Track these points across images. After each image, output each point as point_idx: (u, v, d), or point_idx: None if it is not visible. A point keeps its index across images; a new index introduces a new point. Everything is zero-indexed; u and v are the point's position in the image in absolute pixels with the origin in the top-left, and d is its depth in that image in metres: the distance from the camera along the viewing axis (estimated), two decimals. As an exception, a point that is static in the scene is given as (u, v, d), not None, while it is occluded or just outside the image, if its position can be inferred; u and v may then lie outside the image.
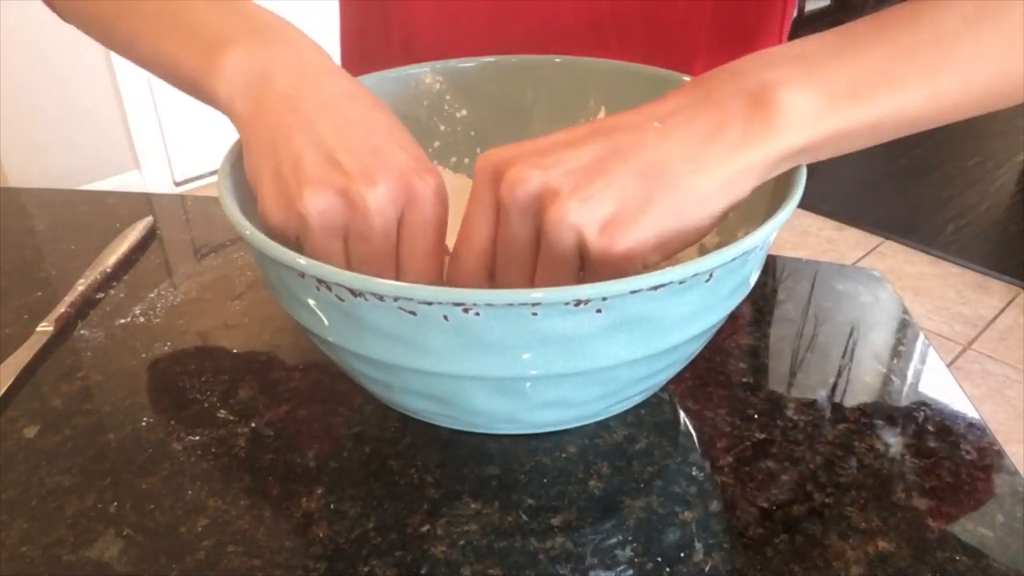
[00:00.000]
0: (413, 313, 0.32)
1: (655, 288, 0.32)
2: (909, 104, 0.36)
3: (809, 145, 0.35)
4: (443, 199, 0.38)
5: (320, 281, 0.33)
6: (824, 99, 0.34)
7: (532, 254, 0.35)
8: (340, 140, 0.36)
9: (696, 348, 0.40)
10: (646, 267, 0.34)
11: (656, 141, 0.33)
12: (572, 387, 0.36)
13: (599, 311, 0.32)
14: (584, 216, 0.32)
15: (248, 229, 0.36)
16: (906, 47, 0.35)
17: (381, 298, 0.32)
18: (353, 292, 0.33)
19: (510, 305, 0.31)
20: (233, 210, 0.37)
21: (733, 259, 0.33)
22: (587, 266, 0.34)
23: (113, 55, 2.31)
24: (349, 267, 0.37)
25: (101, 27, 0.49)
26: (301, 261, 0.33)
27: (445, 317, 0.32)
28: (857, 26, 0.37)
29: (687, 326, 0.35)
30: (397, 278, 0.38)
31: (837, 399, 0.47)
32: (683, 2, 0.59)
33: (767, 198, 0.42)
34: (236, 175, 0.42)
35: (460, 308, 0.32)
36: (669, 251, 0.34)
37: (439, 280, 0.39)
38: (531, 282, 0.37)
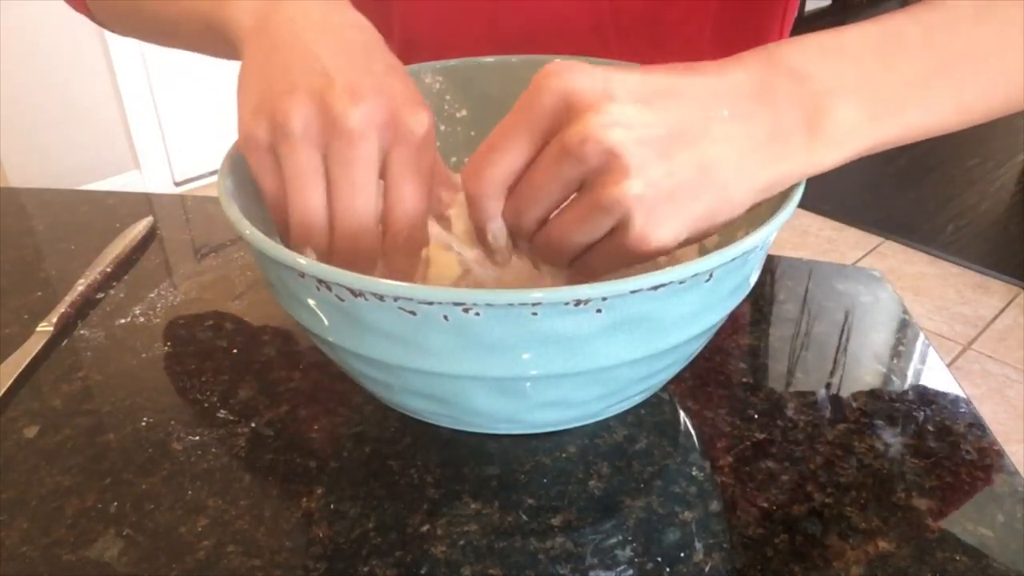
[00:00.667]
0: (413, 313, 0.32)
1: (655, 288, 0.32)
2: (939, 117, 0.37)
3: (842, 160, 0.35)
4: (432, 138, 0.36)
5: (320, 281, 0.33)
6: (868, 117, 0.35)
7: (561, 199, 0.34)
8: (335, 60, 0.35)
9: (696, 348, 0.40)
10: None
11: (720, 134, 0.33)
12: (572, 387, 0.36)
13: (599, 311, 0.32)
14: (639, 200, 0.32)
15: (248, 229, 0.36)
16: (944, 60, 0.36)
17: (381, 298, 0.32)
18: (353, 292, 0.33)
19: (510, 305, 0.31)
20: (233, 210, 0.37)
21: (733, 259, 0.33)
22: (610, 243, 0.34)
23: (113, 55, 2.32)
24: (328, 199, 0.36)
25: (128, 19, 0.52)
26: (301, 261, 0.33)
27: (445, 317, 0.32)
28: (900, 24, 0.37)
29: (687, 326, 0.35)
30: (380, 223, 0.37)
31: (837, 399, 0.47)
32: (684, 2, 0.59)
33: (767, 197, 0.42)
34: (236, 175, 0.42)
35: (460, 308, 0.32)
36: (683, 244, 0.34)
37: (422, 230, 0.37)
38: (541, 225, 0.35)
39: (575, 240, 0.34)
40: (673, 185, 0.32)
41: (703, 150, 0.33)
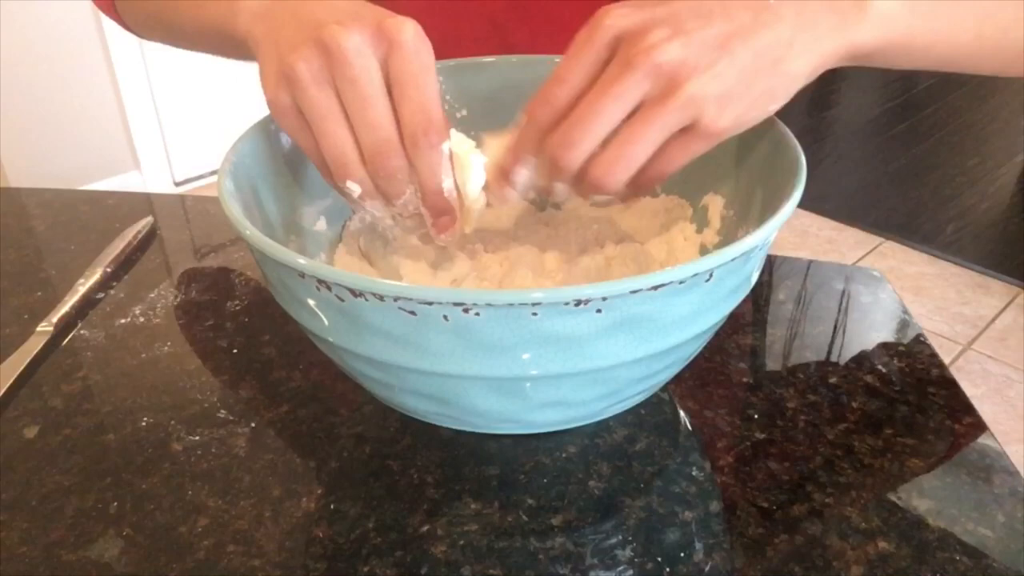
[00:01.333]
0: (413, 313, 0.32)
1: (655, 288, 0.32)
2: (960, 36, 0.41)
3: (881, 45, 0.39)
4: (423, 41, 0.38)
5: (320, 281, 0.33)
6: (906, 9, 0.39)
7: (622, 116, 0.36)
8: (326, 14, 0.39)
9: (696, 348, 0.40)
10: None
11: (771, 21, 0.36)
12: (572, 387, 0.36)
13: (599, 311, 0.32)
14: (714, 89, 0.35)
15: (248, 229, 0.36)
16: None
17: (381, 298, 0.32)
18: (353, 292, 0.33)
19: (510, 305, 0.31)
20: (233, 210, 0.37)
21: (733, 259, 0.33)
22: (683, 140, 0.37)
23: (113, 55, 2.32)
24: (350, 125, 0.38)
25: (155, 28, 0.56)
26: (301, 261, 0.33)
27: (445, 317, 0.32)
28: None
29: (687, 326, 0.35)
30: (399, 133, 0.38)
31: (837, 399, 0.47)
32: None
33: (767, 197, 0.42)
34: (236, 175, 0.42)
35: (460, 308, 0.32)
36: (743, 128, 0.37)
37: (437, 124, 0.38)
38: (597, 142, 0.37)
39: (643, 150, 0.36)
40: (735, 73, 0.35)
41: (757, 39, 0.36)
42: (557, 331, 0.33)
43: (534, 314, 0.32)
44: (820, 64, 0.38)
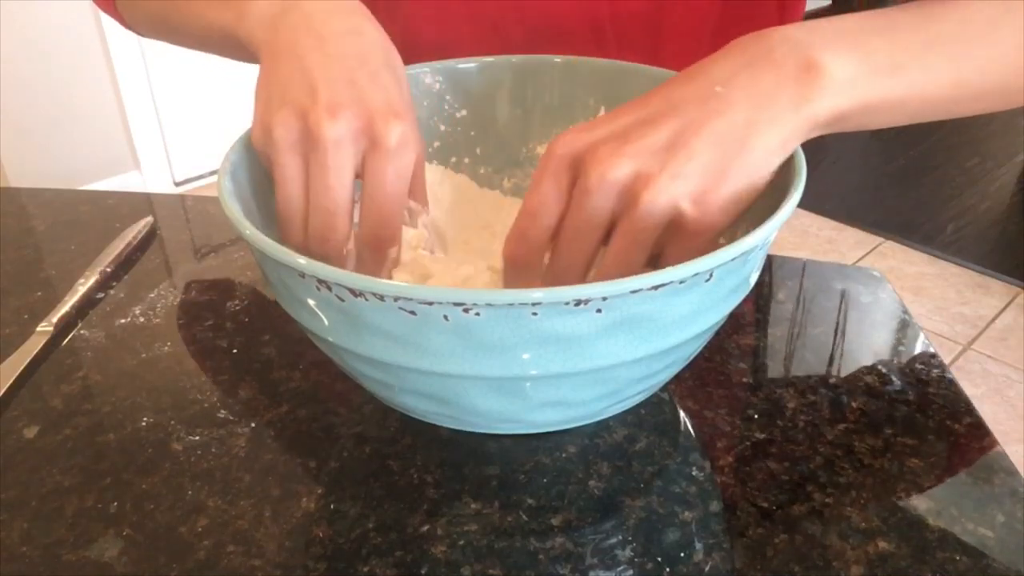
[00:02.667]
0: (413, 313, 0.32)
1: (655, 288, 0.32)
2: (934, 87, 0.39)
3: (847, 111, 0.37)
4: (407, 147, 0.39)
5: (320, 281, 0.33)
6: (864, 71, 0.37)
7: (601, 236, 0.37)
8: (323, 71, 0.39)
9: (696, 348, 0.40)
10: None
11: (723, 108, 0.35)
12: (572, 387, 0.36)
13: (599, 311, 0.32)
14: (678, 190, 0.34)
15: (248, 228, 0.36)
16: (936, 36, 0.38)
17: (381, 298, 0.32)
18: (353, 292, 0.33)
19: (510, 305, 0.31)
20: (233, 210, 0.37)
21: (733, 259, 0.33)
22: (678, 240, 0.36)
23: (113, 55, 2.32)
24: (306, 196, 0.39)
25: (159, 28, 0.56)
26: (301, 261, 0.33)
27: (445, 317, 0.32)
28: (892, 12, 0.39)
29: (687, 326, 0.35)
30: (359, 226, 0.40)
31: (837, 399, 0.47)
32: (682, 4, 0.59)
33: (767, 197, 0.42)
34: (236, 175, 0.42)
35: (460, 308, 0.32)
36: (740, 213, 0.37)
37: (389, 228, 0.40)
38: (590, 264, 0.38)
39: (634, 262, 0.37)
40: (699, 166, 0.35)
41: (712, 128, 0.35)
42: (557, 331, 0.33)
43: (534, 314, 0.32)
44: (789, 137, 0.36)
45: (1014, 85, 0.41)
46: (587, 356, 0.34)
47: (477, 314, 0.32)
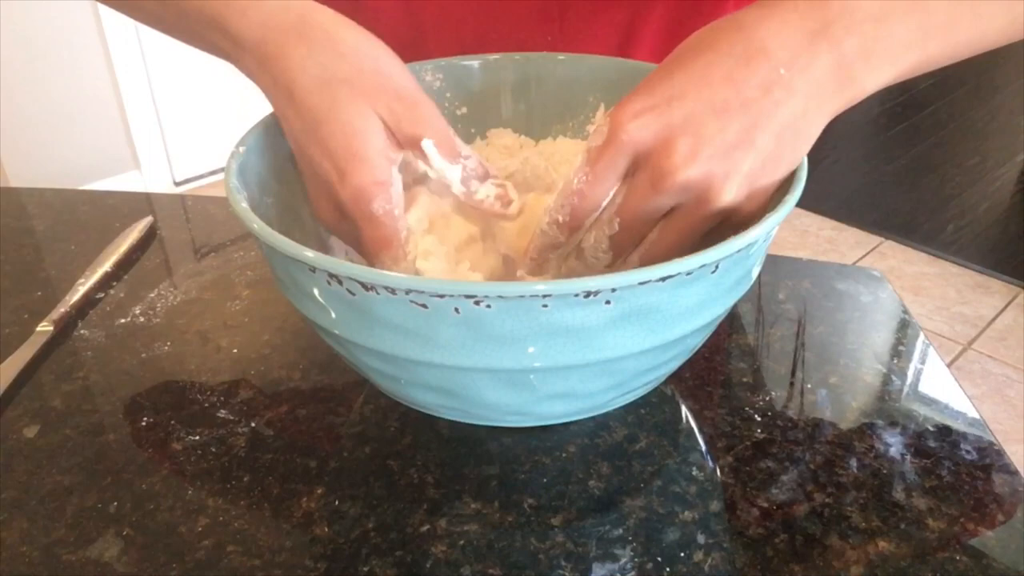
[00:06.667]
0: (424, 306, 0.32)
1: (663, 279, 0.32)
2: (960, 45, 0.39)
3: (874, 91, 0.38)
4: (362, 200, 0.40)
5: (331, 275, 0.33)
6: (919, 37, 0.37)
7: (655, 223, 0.37)
8: (335, 159, 0.40)
9: (700, 340, 0.40)
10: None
11: (784, 97, 0.35)
12: (580, 379, 0.36)
13: (608, 302, 0.32)
14: (742, 190, 0.36)
15: (256, 222, 0.36)
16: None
17: (393, 291, 0.32)
18: (365, 286, 0.33)
19: (521, 297, 0.31)
20: (242, 204, 0.37)
21: (738, 251, 0.34)
22: (725, 224, 0.37)
23: (113, 55, 2.32)
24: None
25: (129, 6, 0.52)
26: (311, 255, 0.33)
27: (456, 310, 0.32)
28: None
29: (692, 318, 0.36)
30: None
31: (837, 399, 0.47)
32: (628, 3, 0.59)
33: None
34: (244, 170, 0.42)
35: (471, 300, 0.32)
36: (770, 193, 0.38)
37: (395, 254, 0.41)
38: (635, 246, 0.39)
39: (682, 249, 0.37)
40: (759, 161, 0.35)
41: (776, 123, 0.35)
42: (567, 322, 0.33)
43: (544, 306, 0.32)
44: (826, 122, 0.37)
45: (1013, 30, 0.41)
46: (596, 347, 0.34)
47: (488, 307, 0.32)
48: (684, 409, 0.47)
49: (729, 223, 0.38)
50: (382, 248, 0.41)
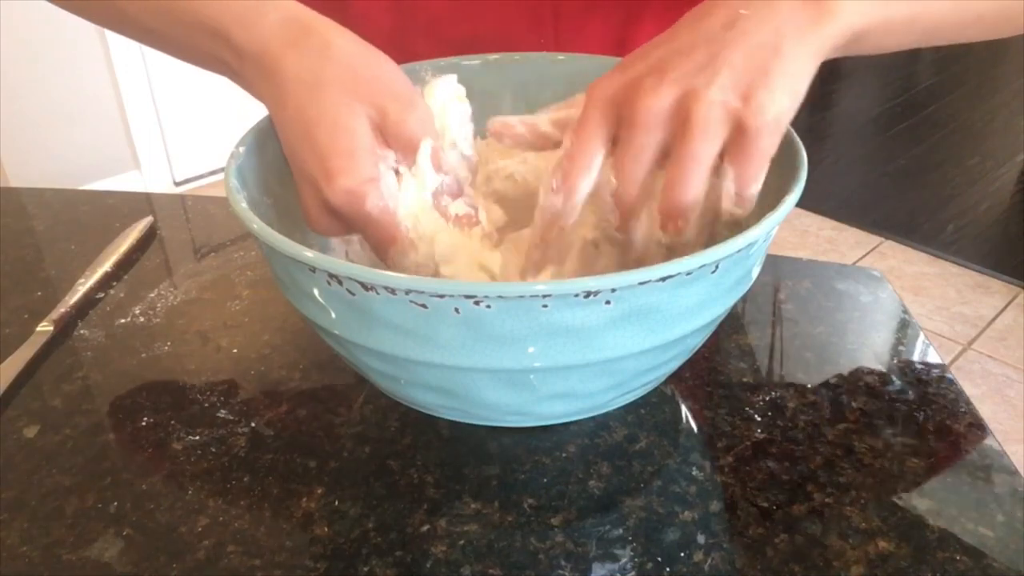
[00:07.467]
0: (424, 306, 0.33)
1: (663, 279, 0.32)
2: (940, 9, 0.41)
3: (860, 31, 0.38)
4: (354, 201, 0.39)
5: (331, 275, 0.33)
6: None
7: (653, 167, 0.37)
8: (326, 160, 0.39)
9: (700, 340, 0.40)
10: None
11: (750, 27, 0.36)
12: (580, 379, 0.36)
13: (608, 303, 0.32)
14: (727, 94, 0.35)
15: (256, 222, 0.36)
16: None
17: (393, 291, 0.32)
18: (364, 286, 0.33)
19: (521, 297, 0.32)
20: (242, 204, 0.37)
21: (738, 250, 0.34)
22: (741, 148, 0.36)
23: (113, 55, 2.32)
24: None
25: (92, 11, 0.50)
26: (311, 255, 0.33)
27: (456, 310, 0.32)
28: None
29: (692, 318, 0.36)
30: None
31: (837, 399, 0.47)
32: (622, 5, 0.59)
33: (768, 194, 0.42)
34: (244, 170, 0.42)
35: (471, 301, 0.32)
36: (790, 115, 0.37)
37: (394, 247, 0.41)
38: (647, 196, 0.38)
39: (698, 182, 0.36)
40: (741, 73, 0.35)
41: (745, 42, 0.36)
42: (567, 322, 0.33)
43: (544, 306, 0.32)
44: (815, 51, 0.37)
45: (1013, 7, 0.43)
46: (596, 348, 0.34)
47: (488, 307, 0.32)
48: (684, 409, 0.47)
49: (751, 145, 0.36)
50: (387, 245, 0.41)
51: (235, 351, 0.52)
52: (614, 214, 0.38)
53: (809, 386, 0.48)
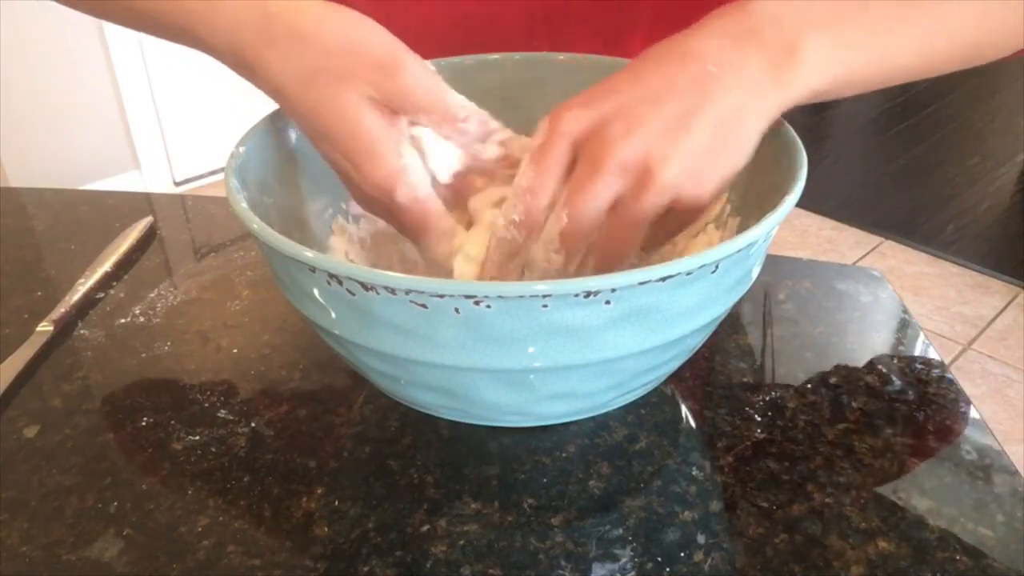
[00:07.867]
0: (424, 306, 0.33)
1: (663, 279, 0.32)
2: (905, 57, 0.41)
3: (823, 89, 0.39)
4: (382, 193, 0.40)
5: (331, 275, 0.33)
6: (841, 48, 0.39)
7: (603, 213, 0.37)
8: (347, 156, 0.40)
9: (700, 340, 0.40)
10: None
11: (718, 91, 0.37)
12: (580, 379, 0.36)
13: (608, 302, 0.32)
14: (685, 169, 0.36)
15: (256, 222, 0.36)
16: (907, 11, 0.40)
17: (393, 291, 0.32)
18: (364, 286, 0.33)
19: (521, 297, 0.32)
20: (242, 204, 0.37)
21: (738, 251, 0.34)
22: (671, 217, 0.38)
23: (113, 55, 2.32)
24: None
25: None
26: (311, 255, 0.33)
27: (456, 310, 0.32)
28: None
29: (692, 318, 0.36)
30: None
31: (837, 399, 0.47)
32: (615, 4, 0.59)
33: (769, 194, 0.42)
34: (243, 171, 0.42)
35: (471, 301, 0.32)
36: (724, 189, 0.38)
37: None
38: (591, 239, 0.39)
39: (633, 241, 0.38)
40: (699, 147, 0.36)
41: (711, 111, 0.36)
42: (567, 322, 0.33)
43: (544, 306, 0.32)
44: (772, 116, 0.38)
45: (983, 43, 0.43)
46: (595, 348, 0.34)
47: (488, 307, 0.32)
48: (684, 409, 0.47)
49: (678, 220, 0.38)
50: (421, 234, 0.41)
51: (235, 351, 0.52)
52: (554, 244, 0.39)
53: (809, 386, 0.48)
